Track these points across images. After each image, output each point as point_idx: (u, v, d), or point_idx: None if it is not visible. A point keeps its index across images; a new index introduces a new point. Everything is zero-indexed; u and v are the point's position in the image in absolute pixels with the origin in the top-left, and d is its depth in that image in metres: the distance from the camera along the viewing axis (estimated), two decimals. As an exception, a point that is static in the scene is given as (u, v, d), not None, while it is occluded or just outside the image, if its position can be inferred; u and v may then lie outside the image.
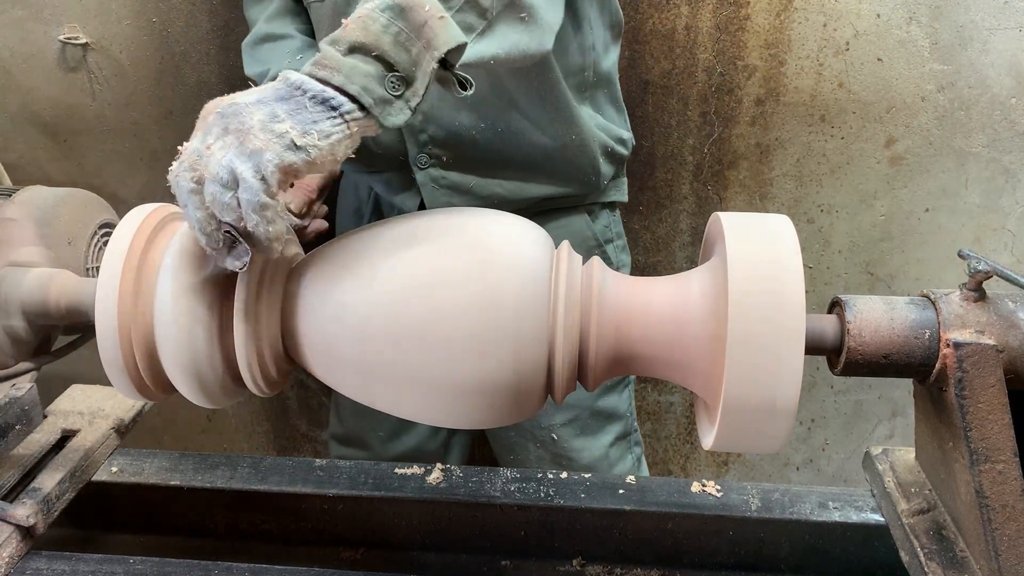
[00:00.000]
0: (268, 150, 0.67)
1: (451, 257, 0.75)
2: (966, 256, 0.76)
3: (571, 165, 1.28)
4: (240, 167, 0.67)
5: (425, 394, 0.76)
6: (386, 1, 0.72)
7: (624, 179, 1.41)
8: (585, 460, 1.41)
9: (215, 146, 0.68)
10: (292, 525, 1.13)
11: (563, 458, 1.41)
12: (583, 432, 1.41)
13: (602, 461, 1.42)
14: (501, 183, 1.26)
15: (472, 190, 1.25)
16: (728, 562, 1.09)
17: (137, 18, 1.59)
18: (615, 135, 1.33)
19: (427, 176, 1.23)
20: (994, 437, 0.72)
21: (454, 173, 1.24)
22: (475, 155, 1.23)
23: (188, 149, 0.70)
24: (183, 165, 0.69)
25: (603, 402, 1.40)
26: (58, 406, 1.08)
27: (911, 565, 0.83)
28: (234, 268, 0.71)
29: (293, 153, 0.68)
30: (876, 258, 1.72)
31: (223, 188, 0.67)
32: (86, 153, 1.72)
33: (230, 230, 0.69)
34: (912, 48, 1.55)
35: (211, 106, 0.72)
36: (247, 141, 0.67)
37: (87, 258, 0.97)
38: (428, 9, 0.72)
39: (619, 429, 1.44)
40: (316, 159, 0.69)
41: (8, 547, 0.87)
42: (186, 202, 0.69)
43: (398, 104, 0.72)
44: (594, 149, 1.28)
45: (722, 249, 0.73)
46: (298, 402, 1.95)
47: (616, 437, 1.43)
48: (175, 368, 0.77)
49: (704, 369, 0.74)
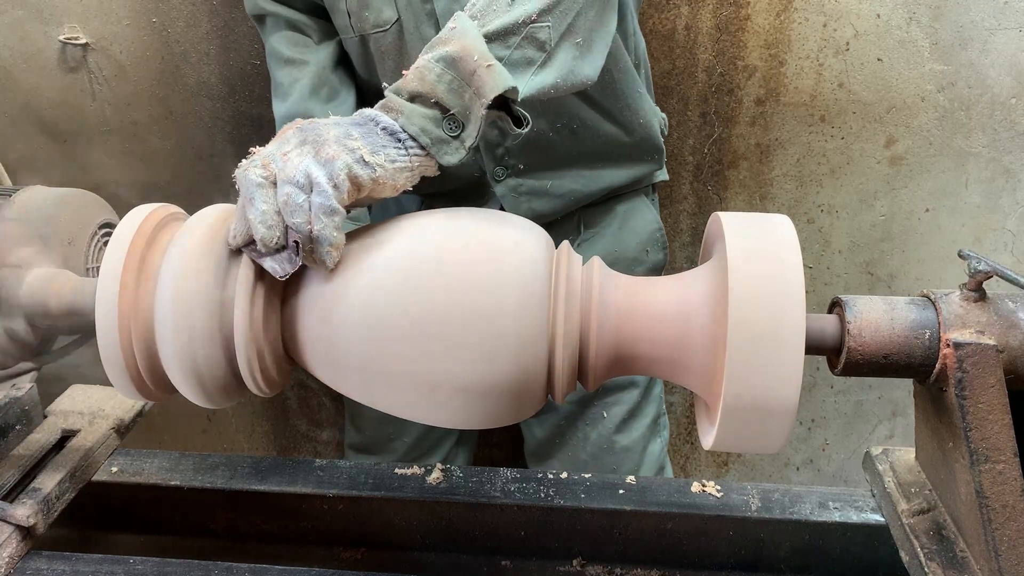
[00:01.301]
0: (339, 159, 0.73)
1: (452, 257, 0.75)
2: (966, 256, 0.76)
3: (639, 149, 1.31)
4: (316, 172, 0.72)
5: (425, 394, 0.76)
6: (439, 52, 0.80)
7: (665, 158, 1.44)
8: (624, 443, 1.41)
9: (292, 153, 0.74)
10: (292, 525, 1.13)
11: (605, 441, 1.41)
12: (631, 416, 1.41)
13: (639, 444, 1.42)
14: (575, 177, 1.27)
15: (549, 190, 1.26)
16: (728, 562, 1.09)
17: (137, 18, 1.59)
18: (660, 115, 1.37)
19: (506, 187, 1.24)
20: (994, 437, 0.72)
21: (530, 179, 1.25)
22: (551, 156, 1.24)
23: (262, 152, 0.75)
24: (254, 163, 0.74)
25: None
26: (58, 406, 1.08)
27: (911, 565, 0.83)
28: (273, 271, 0.74)
29: (361, 167, 0.74)
30: (876, 258, 1.72)
31: (298, 190, 0.72)
32: (86, 153, 1.72)
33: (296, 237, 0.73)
34: (912, 48, 1.55)
35: (290, 125, 0.78)
36: (322, 151, 0.74)
37: (87, 258, 0.97)
38: (476, 59, 0.79)
39: (654, 411, 1.45)
40: (380, 177, 0.76)
41: (8, 547, 0.87)
42: (252, 195, 0.73)
43: (454, 144, 0.80)
44: (656, 128, 1.32)
45: (722, 249, 0.73)
46: (298, 402, 1.95)
47: (652, 419, 1.44)
48: (175, 368, 0.77)
49: (704, 369, 0.74)
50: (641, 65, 1.32)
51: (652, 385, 1.44)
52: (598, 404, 1.40)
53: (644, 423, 1.42)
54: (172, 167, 1.70)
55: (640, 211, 1.37)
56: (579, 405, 1.41)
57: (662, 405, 1.47)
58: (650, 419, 1.43)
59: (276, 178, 0.73)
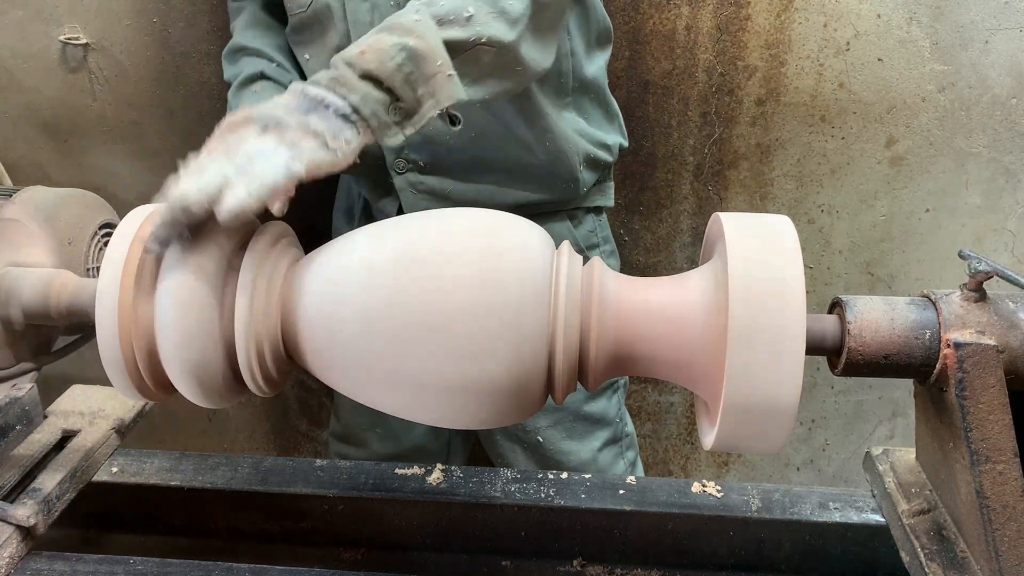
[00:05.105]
0: (304, 144, 0.75)
1: (451, 257, 0.75)
2: (966, 256, 0.76)
3: (547, 171, 1.27)
4: (278, 150, 0.74)
5: (425, 394, 0.76)
6: (403, 41, 0.83)
7: (610, 183, 1.39)
8: (573, 464, 1.40)
9: (252, 139, 0.75)
10: (292, 525, 1.13)
11: (551, 461, 1.40)
12: (570, 436, 1.40)
13: (590, 465, 1.41)
14: (478, 189, 1.26)
15: (450, 195, 1.25)
16: (728, 562, 1.09)
17: (138, 18, 1.59)
18: (598, 141, 1.31)
19: (405, 181, 1.24)
20: (994, 438, 0.72)
21: (431, 178, 1.24)
22: (451, 160, 1.23)
23: (220, 145, 0.77)
24: (213, 154, 0.76)
25: (590, 406, 1.39)
26: (58, 406, 1.08)
27: (911, 566, 0.83)
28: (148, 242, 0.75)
29: (325, 152, 0.77)
30: (876, 258, 1.72)
31: (249, 160, 0.73)
32: (86, 153, 1.72)
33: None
34: (912, 48, 1.55)
35: (239, 115, 0.79)
36: (285, 136, 0.75)
37: (87, 258, 0.97)
38: (440, 64, 0.85)
39: (607, 435, 1.43)
40: (341, 161, 0.78)
41: (8, 547, 0.87)
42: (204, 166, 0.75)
43: (395, 129, 0.84)
44: (571, 155, 1.27)
45: (723, 249, 0.73)
46: (298, 402, 1.95)
47: (605, 442, 1.42)
48: (176, 368, 0.77)
49: (704, 369, 0.74)
50: (587, 89, 1.28)
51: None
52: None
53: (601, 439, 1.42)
54: (172, 167, 1.69)
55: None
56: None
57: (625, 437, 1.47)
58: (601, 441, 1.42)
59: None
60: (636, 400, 1.88)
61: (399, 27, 0.86)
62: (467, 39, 0.91)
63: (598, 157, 1.31)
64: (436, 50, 0.86)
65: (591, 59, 1.28)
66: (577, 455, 1.40)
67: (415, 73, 0.84)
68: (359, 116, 0.80)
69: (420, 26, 0.86)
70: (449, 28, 0.89)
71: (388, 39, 0.84)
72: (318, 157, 0.76)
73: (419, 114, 0.85)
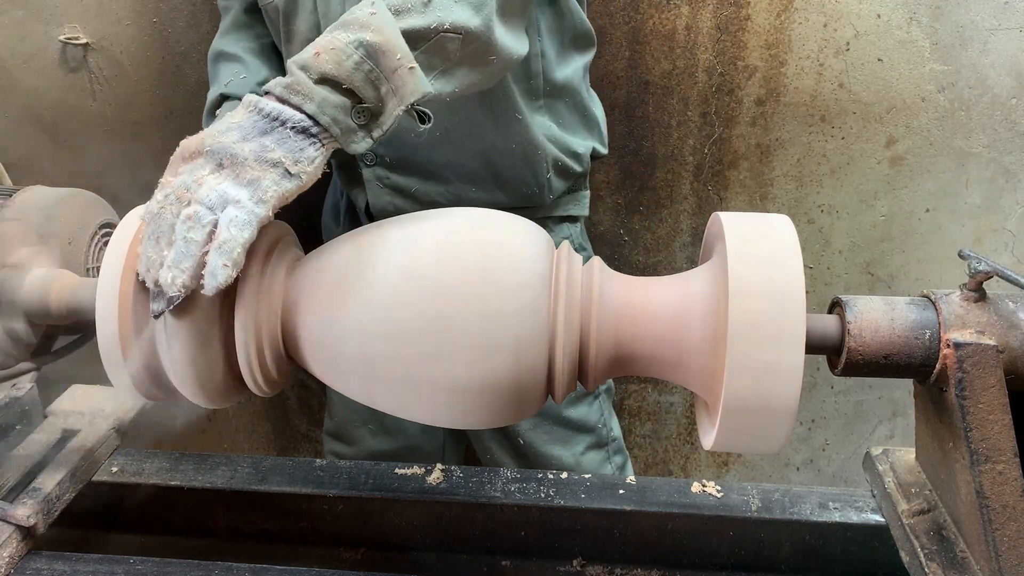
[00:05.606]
0: (266, 179, 0.71)
1: (451, 257, 0.75)
2: (966, 256, 0.76)
3: (511, 174, 1.24)
4: (236, 193, 0.70)
5: (425, 394, 0.76)
6: (359, 37, 0.76)
7: (585, 192, 1.37)
8: (556, 467, 1.38)
9: (208, 178, 0.71)
10: (292, 525, 1.13)
11: (536, 464, 1.40)
12: (552, 439, 1.39)
13: (574, 469, 1.39)
14: (440, 190, 1.24)
15: (415, 194, 1.24)
16: (728, 562, 1.09)
17: (138, 18, 1.59)
18: (568, 149, 1.28)
19: (372, 174, 1.24)
20: (994, 438, 0.72)
21: (396, 174, 1.23)
22: (415, 158, 1.22)
23: (175, 184, 0.72)
24: (169, 198, 0.71)
25: (570, 412, 1.38)
26: (58, 406, 1.08)
27: (911, 566, 0.83)
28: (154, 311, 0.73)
29: (288, 180, 0.72)
30: (876, 258, 1.72)
31: (208, 210, 0.70)
32: (86, 153, 1.72)
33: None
34: (912, 48, 1.55)
35: (192, 143, 0.74)
36: (243, 173, 0.71)
37: (87, 258, 0.97)
38: (399, 58, 0.78)
39: (590, 440, 1.41)
40: (307, 182, 0.74)
41: (8, 547, 0.87)
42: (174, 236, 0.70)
43: (361, 134, 0.78)
44: (538, 161, 1.24)
45: (722, 249, 0.73)
46: (298, 402, 1.95)
47: (588, 447, 1.41)
48: (175, 368, 0.77)
49: (704, 369, 0.74)
50: (560, 93, 1.25)
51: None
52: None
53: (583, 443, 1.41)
54: (172, 167, 1.70)
55: None
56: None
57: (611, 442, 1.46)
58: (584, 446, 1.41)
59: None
60: (636, 400, 1.89)
61: (354, 22, 0.78)
62: (427, 26, 0.83)
63: (566, 165, 1.28)
64: (395, 43, 0.78)
65: (565, 62, 1.25)
66: (560, 459, 1.39)
67: (375, 70, 0.76)
68: (319, 126, 0.74)
69: (376, 19, 0.78)
70: (407, 17, 0.82)
71: (343, 36, 0.77)
72: (282, 188, 0.72)
73: (385, 114, 0.78)
